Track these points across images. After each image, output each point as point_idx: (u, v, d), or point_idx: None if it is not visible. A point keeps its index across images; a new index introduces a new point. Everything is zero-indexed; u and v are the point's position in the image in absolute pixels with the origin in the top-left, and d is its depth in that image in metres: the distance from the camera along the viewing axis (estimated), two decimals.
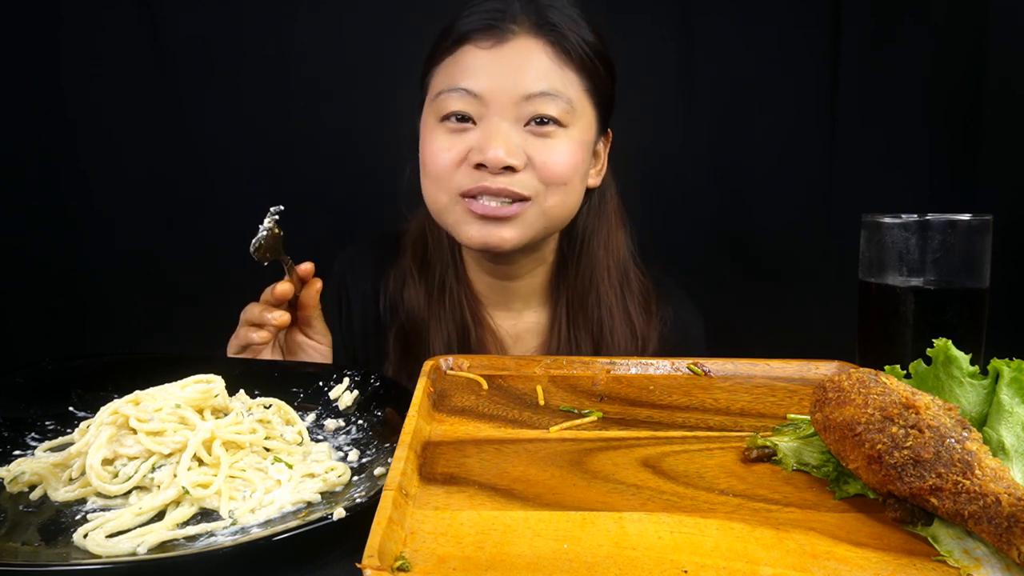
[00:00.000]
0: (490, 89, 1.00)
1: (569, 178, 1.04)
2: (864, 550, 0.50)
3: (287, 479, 0.67)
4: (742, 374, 0.86)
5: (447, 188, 1.04)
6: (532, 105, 1.00)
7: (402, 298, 1.15)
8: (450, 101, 1.02)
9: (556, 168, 1.02)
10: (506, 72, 1.00)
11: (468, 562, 0.47)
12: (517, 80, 1.00)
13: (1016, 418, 0.56)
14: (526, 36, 1.01)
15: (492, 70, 1.01)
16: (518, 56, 1.01)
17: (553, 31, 1.02)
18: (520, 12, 1.03)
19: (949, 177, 1.62)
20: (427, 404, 0.73)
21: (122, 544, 0.56)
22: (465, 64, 1.02)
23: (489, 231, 1.03)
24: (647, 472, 0.61)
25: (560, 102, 1.01)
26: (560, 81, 1.02)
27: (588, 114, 1.07)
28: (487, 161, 0.99)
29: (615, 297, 1.15)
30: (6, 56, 1.52)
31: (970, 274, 0.84)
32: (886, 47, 1.61)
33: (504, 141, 0.99)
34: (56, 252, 1.60)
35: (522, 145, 1.01)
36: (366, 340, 1.20)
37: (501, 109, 1.00)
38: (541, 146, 1.02)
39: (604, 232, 1.16)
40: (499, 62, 1.01)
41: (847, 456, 0.57)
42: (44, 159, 1.57)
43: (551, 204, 1.05)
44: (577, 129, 1.04)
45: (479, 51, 1.01)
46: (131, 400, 0.70)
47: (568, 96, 1.02)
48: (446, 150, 1.02)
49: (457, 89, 1.01)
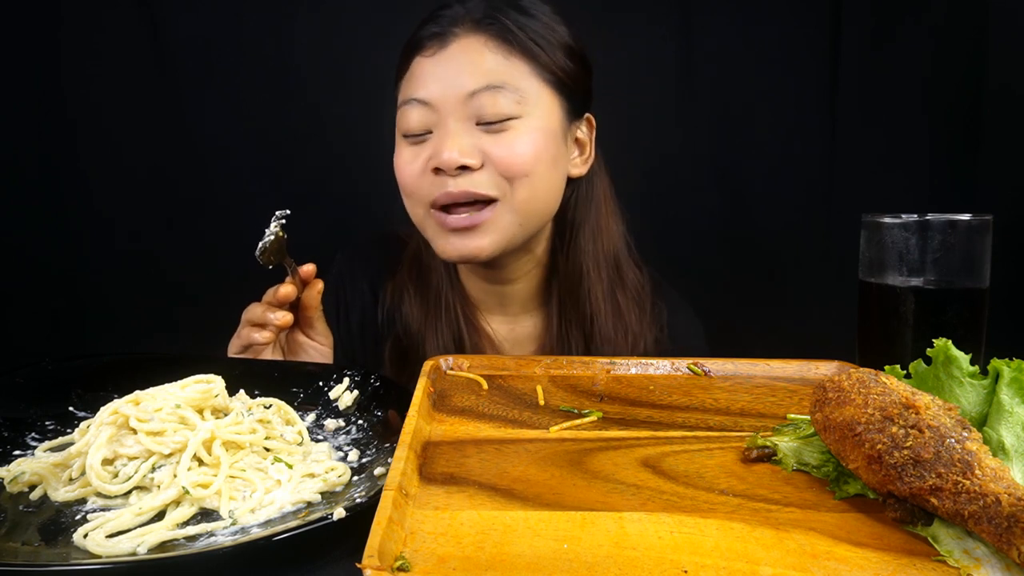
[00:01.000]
0: (437, 94, 1.01)
1: (531, 168, 1.02)
2: (864, 550, 0.50)
3: (287, 479, 0.67)
4: (742, 374, 0.86)
5: (418, 200, 1.05)
6: (478, 101, 0.99)
7: (400, 312, 1.15)
8: (406, 115, 1.03)
9: (515, 159, 1.01)
10: (450, 74, 1.01)
11: (468, 562, 0.47)
12: (460, 80, 1.00)
13: (1016, 418, 0.56)
14: (467, 35, 1.02)
15: (437, 75, 1.01)
16: (460, 56, 1.01)
17: (495, 23, 1.01)
18: (463, 13, 1.03)
19: (949, 177, 1.62)
20: (427, 404, 0.73)
21: (122, 544, 0.56)
22: (415, 75, 1.03)
23: (463, 243, 1.02)
24: (647, 472, 0.61)
25: (506, 93, 1.00)
26: (507, 72, 1.01)
27: (546, 100, 1.04)
28: (442, 164, 0.99)
29: (603, 290, 1.13)
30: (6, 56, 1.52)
31: (970, 274, 0.84)
32: (886, 47, 1.61)
33: (456, 141, 0.99)
34: (56, 252, 1.60)
35: (477, 144, 1.00)
36: (364, 344, 1.20)
37: (451, 111, 1.00)
38: (496, 141, 1.00)
39: (592, 221, 1.14)
40: (443, 66, 1.01)
41: (847, 456, 0.57)
42: (44, 159, 1.57)
43: (520, 199, 1.02)
44: (535, 118, 1.02)
45: (425, 60, 1.03)
46: (131, 400, 0.70)
47: (516, 86, 1.01)
48: (409, 163, 1.04)
49: (409, 101, 1.03)
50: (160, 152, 1.59)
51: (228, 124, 1.59)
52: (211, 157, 1.61)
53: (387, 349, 1.15)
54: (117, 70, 1.55)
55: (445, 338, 1.13)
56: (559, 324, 1.15)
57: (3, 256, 1.57)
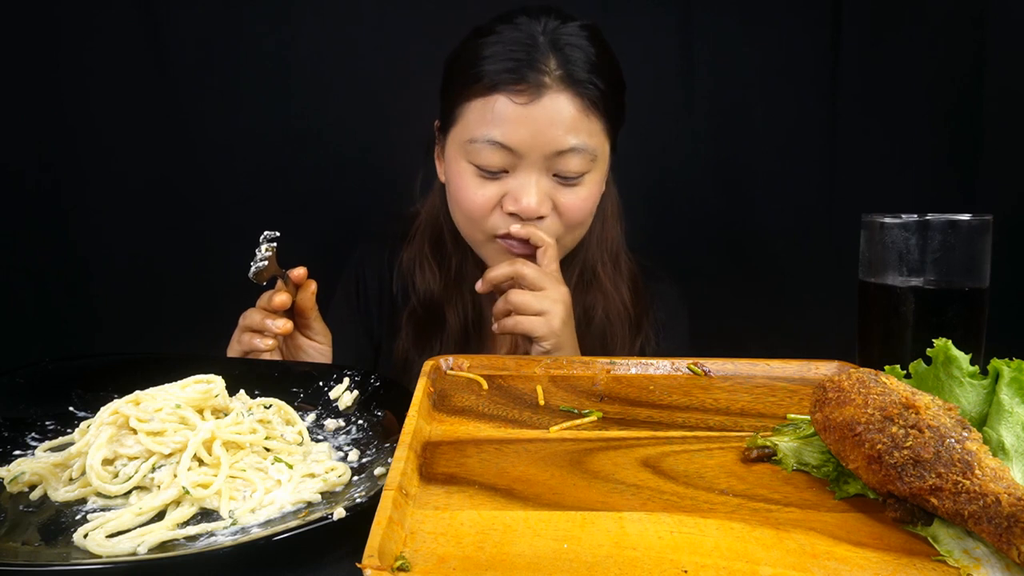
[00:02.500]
0: (524, 143, 1.04)
1: (588, 219, 1.14)
2: (864, 550, 0.50)
3: (287, 479, 0.67)
4: (742, 374, 0.86)
5: (481, 228, 1.11)
6: (562, 160, 1.06)
7: (415, 282, 1.21)
8: (485, 152, 1.06)
9: (578, 214, 1.10)
10: (540, 128, 1.04)
11: (468, 562, 0.47)
12: (549, 135, 1.04)
13: (1016, 418, 0.56)
14: (556, 90, 1.04)
15: (527, 125, 1.04)
16: (550, 112, 1.04)
17: (579, 84, 1.05)
18: (552, 61, 1.04)
19: (949, 177, 1.62)
20: (427, 404, 0.73)
21: (122, 544, 0.56)
22: (499, 115, 1.05)
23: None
24: (647, 472, 0.61)
25: (586, 154, 1.07)
26: (586, 132, 1.06)
27: (605, 151, 1.12)
28: (520, 211, 1.06)
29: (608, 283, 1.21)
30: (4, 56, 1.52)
31: (970, 274, 0.84)
32: (886, 47, 1.60)
33: (536, 192, 1.06)
34: (56, 252, 1.59)
35: (550, 194, 1.08)
36: (381, 320, 1.27)
37: (533, 162, 1.06)
38: (567, 194, 1.09)
39: (599, 228, 1.21)
40: (534, 117, 1.04)
41: (847, 456, 0.57)
42: (43, 159, 1.57)
43: (568, 241, 1.14)
44: (598, 171, 1.11)
45: (512, 104, 1.04)
46: (131, 400, 0.70)
47: (593, 146, 1.07)
48: (480, 195, 1.08)
49: (492, 142, 1.05)
50: (159, 153, 1.59)
51: (228, 125, 1.59)
52: (211, 157, 1.61)
53: (404, 318, 1.21)
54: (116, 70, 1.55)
55: (465, 308, 1.20)
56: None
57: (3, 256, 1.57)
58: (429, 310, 1.20)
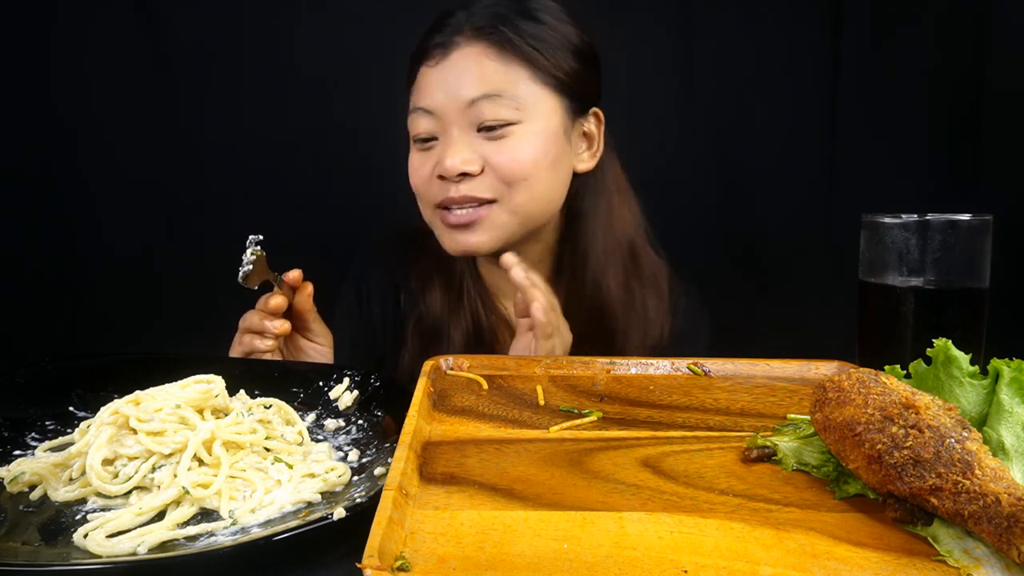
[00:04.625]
0: (439, 103, 1.05)
1: (529, 172, 1.05)
2: (864, 550, 0.50)
3: (287, 479, 0.67)
4: (742, 374, 0.86)
5: (427, 202, 1.10)
6: (478, 109, 1.03)
7: (424, 297, 1.20)
8: (414, 123, 1.08)
9: (514, 165, 1.05)
10: (451, 83, 1.05)
11: (468, 562, 0.47)
12: (460, 89, 1.04)
13: (1016, 418, 0.56)
14: (467, 44, 1.05)
15: (439, 85, 1.05)
16: (460, 65, 1.05)
17: (493, 32, 1.04)
18: (464, 21, 1.06)
19: (949, 177, 1.62)
20: (427, 404, 0.73)
21: (122, 544, 0.56)
22: (420, 85, 1.08)
23: (464, 238, 1.08)
24: (647, 472, 0.61)
25: (504, 100, 1.03)
26: (504, 79, 1.04)
27: (547, 103, 1.07)
28: (444, 172, 1.04)
29: (618, 281, 1.15)
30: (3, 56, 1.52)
31: (970, 274, 0.84)
32: (886, 47, 1.60)
33: (458, 150, 1.04)
34: (56, 252, 1.60)
35: (478, 150, 1.04)
36: (385, 332, 1.25)
37: (453, 120, 1.04)
38: (495, 148, 1.05)
39: (603, 211, 1.16)
40: (445, 75, 1.05)
41: (847, 456, 0.57)
42: (42, 160, 1.57)
43: (518, 202, 1.07)
44: (534, 122, 1.05)
45: (428, 70, 1.07)
46: (131, 400, 0.70)
47: (514, 93, 1.04)
48: (419, 168, 1.09)
49: (416, 110, 1.08)
50: (159, 153, 1.59)
51: (227, 125, 1.59)
52: (210, 158, 1.61)
53: (410, 332, 1.19)
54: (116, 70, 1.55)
55: (466, 320, 1.17)
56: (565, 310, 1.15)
57: (3, 256, 1.57)
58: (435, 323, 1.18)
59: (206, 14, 1.56)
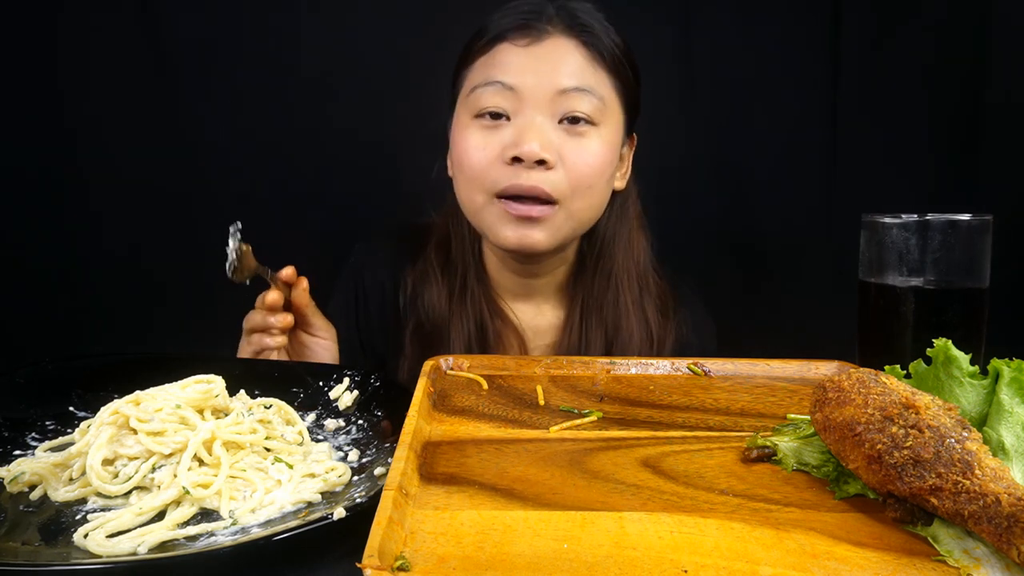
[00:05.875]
0: (526, 83, 1.01)
1: (596, 180, 1.05)
2: (864, 550, 0.50)
3: (287, 479, 0.67)
4: (742, 374, 0.86)
5: (482, 187, 1.04)
6: (566, 101, 1.02)
7: (422, 295, 1.16)
8: (485, 96, 1.03)
9: (586, 168, 1.03)
10: (541, 68, 1.02)
11: (468, 562, 0.47)
12: (552, 76, 1.02)
13: (1016, 418, 0.56)
14: (560, 35, 1.04)
15: (528, 66, 1.02)
16: (553, 53, 1.03)
17: (585, 32, 1.04)
18: (554, 14, 1.05)
19: (949, 177, 1.62)
20: (427, 404, 0.73)
21: (122, 544, 0.56)
22: (501, 60, 1.04)
23: (524, 232, 1.04)
24: (647, 472, 0.61)
25: (593, 99, 1.03)
26: (593, 79, 1.04)
27: (617, 115, 1.08)
28: (522, 154, 0.99)
29: (632, 300, 1.15)
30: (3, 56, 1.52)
31: (970, 274, 0.84)
32: (886, 47, 1.60)
33: (539, 135, 1.00)
34: (56, 252, 1.59)
35: (556, 142, 1.02)
36: (384, 334, 1.21)
37: (536, 104, 1.01)
38: (574, 144, 1.03)
39: (625, 236, 1.17)
40: (534, 58, 1.02)
41: (847, 456, 0.57)
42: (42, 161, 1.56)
43: (577, 207, 1.06)
44: (607, 129, 1.06)
45: (515, 48, 1.03)
46: (131, 400, 0.70)
47: (600, 94, 1.04)
48: (481, 148, 1.03)
49: (493, 83, 1.02)
50: (159, 153, 1.59)
51: (227, 125, 1.59)
52: (211, 157, 1.60)
53: (408, 334, 1.16)
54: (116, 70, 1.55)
55: (469, 323, 1.14)
56: (580, 323, 1.16)
57: (2, 256, 1.57)
58: (435, 325, 1.15)
59: (206, 14, 1.55)
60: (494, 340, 1.15)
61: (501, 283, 1.19)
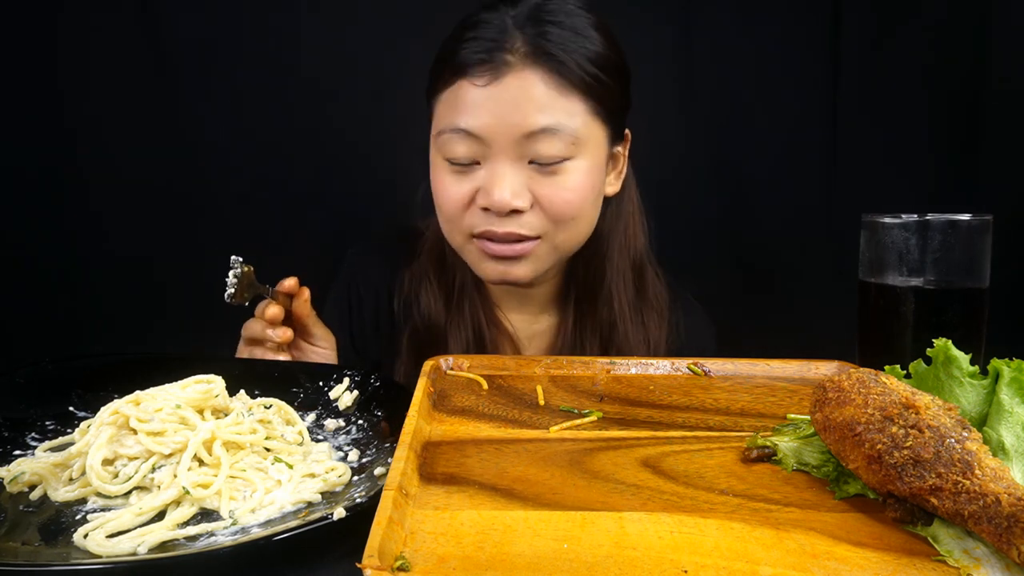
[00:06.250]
0: (489, 129, 0.96)
1: (577, 212, 1.01)
2: (864, 550, 0.50)
3: (287, 479, 0.67)
4: (742, 374, 0.86)
5: (459, 228, 1.03)
6: (534, 144, 0.96)
7: (418, 300, 1.14)
8: (451, 143, 0.98)
9: (564, 207, 0.99)
10: (504, 110, 0.95)
11: (468, 562, 0.47)
12: (516, 117, 0.95)
13: (1016, 418, 0.56)
14: (523, 67, 0.95)
15: (490, 108, 0.95)
16: (516, 91, 0.95)
17: (550, 59, 0.96)
18: (516, 37, 0.96)
19: (949, 177, 1.62)
20: (427, 404, 0.73)
21: (122, 544, 0.56)
22: (462, 102, 0.97)
23: (505, 269, 1.03)
24: (647, 472, 0.61)
25: (563, 136, 0.96)
26: (563, 112, 0.96)
27: (596, 136, 1.01)
28: (492, 205, 0.97)
29: (628, 300, 1.13)
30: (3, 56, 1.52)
31: (970, 274, 0.84)
32: (886, 47, 1.60)
33: (509, 183, 0.96)
34: (56, 253, 1.59)
35: (527, 184, 0.98)
36: (378, 339, 1.19)
37: (503, 149, 0.96)
38: (547, 184, 0.98)
39: (620, 236, 1.13)
40: (496, 99, 0.95)
41: (847, 456, 0.57)
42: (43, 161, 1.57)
43: (561, 239, 1.03)
44: (585, 158, 1.00)
45: (475, 89, 0.96)
46: (131, 400, 0.70)
47: (571, 127, 0.97)
48: (454, 192, 1.00)
49: (457, 130, 0.97)
50: (159, 153, 1.59)
51: (227, 125, 1.59)
52: (211, 158, 1.61)
53: (405, 340, 1.14)
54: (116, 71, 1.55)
55: (466, 331, 1.13)
56: (574, 328, 1.15)
57: (2, 256, 1.57)
58: (431, 331, 1.13)
59: (206, 14, 1.55)
60: (491, 347, 1.13)
61: (495, 291, 1.18)
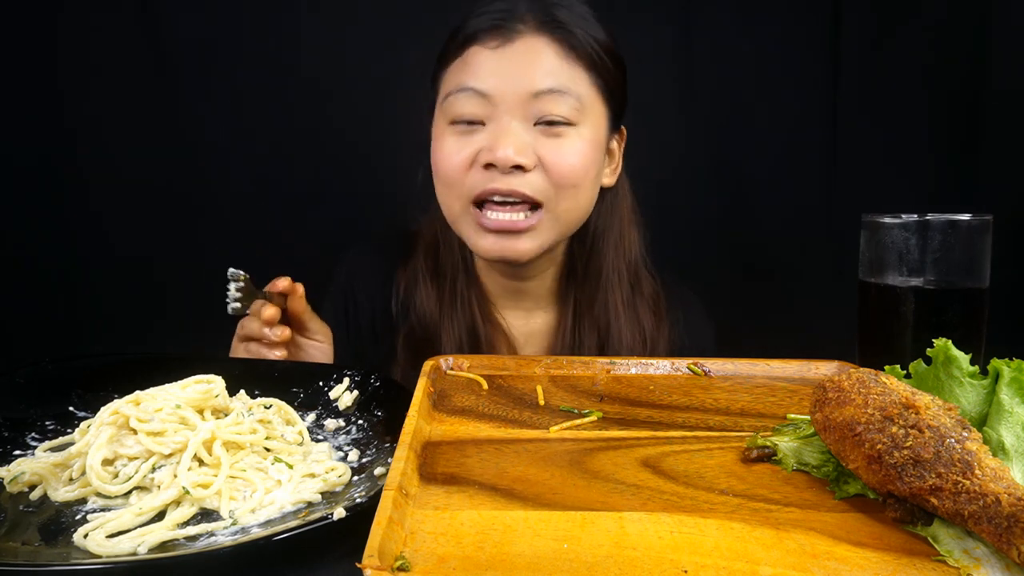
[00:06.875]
0: (498, 88, 0.99)
1: (580, 179, 1.03)
2: (864, 550, 0.50)
3: (287, 479, 0.67)
4: (742, 374, 0.86)
5: (458, 193, 1.04)
6: (541, 103, 0.99)
7: (413, 301, 1.14)
8: (458, 103, 1.01)
9: (567, 169, 1.01)
10: (513, 70, 1.00)
11: (468, 562, 0.47)
12: (525, 78, 0.99)
13: (1016, 418, 0.56)
14: (533, 34, 1.01)
15: (499, 69, 1.00)
16: (525, 54, 1.00)
17: (560, 28, 1.01)
18: (527, 11, 1.02)
19: (949, 177, 1.62)
20: (427, 404, 0.73)
21: (122, 544, 0.56)
22: (472, 64, 1.01)
23: (505, 244, 1.03)
24: (647, 472, 0.61)
25: (569, 99, 1.00)
26: (569, 78, 1.01)
27: (599, 112, 1.05)
28: (496, 160, 0.98)
29: (623, 299, 1.14)
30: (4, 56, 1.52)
31: (970, 274, 0.84)
32: (886, 47, 1.61)
33: (513, 140, 0.98)
34: (56, 253, 1.60)
35: (532, 144, 1.00)
36: (375, 341, 1.19)
37: (510, 108, 0.99)
38: (552, 146, 1.01)
39: (616, 232, 1.15)
40: (506, 61, 1.00)
41: (847, 456, 0.57)
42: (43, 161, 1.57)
43: (564, 208, 1.04)
44: (588, 128, 1.03)
45: (486, 51, 1.01)
46: (131, 400, 0.70)
47: (577, 93, 1.01)
48: (456, 153, 1.02)
49: (465, 89, 1.01)
50: (159, 153, 1.59)
51: (227, 125, 1.59)
52: (211, 157, 1.61)
53: (401, 341, 1.14)
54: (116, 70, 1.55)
55: (460, 330, 1.13)
56: (573, 326, 1.15)
57: (3, 256, 1.57)
58: (426, 329, 1.14)
59: (206, 14, 1.56)
60: (486, 346, 1.13)
61: (491, 288, 1.18)
